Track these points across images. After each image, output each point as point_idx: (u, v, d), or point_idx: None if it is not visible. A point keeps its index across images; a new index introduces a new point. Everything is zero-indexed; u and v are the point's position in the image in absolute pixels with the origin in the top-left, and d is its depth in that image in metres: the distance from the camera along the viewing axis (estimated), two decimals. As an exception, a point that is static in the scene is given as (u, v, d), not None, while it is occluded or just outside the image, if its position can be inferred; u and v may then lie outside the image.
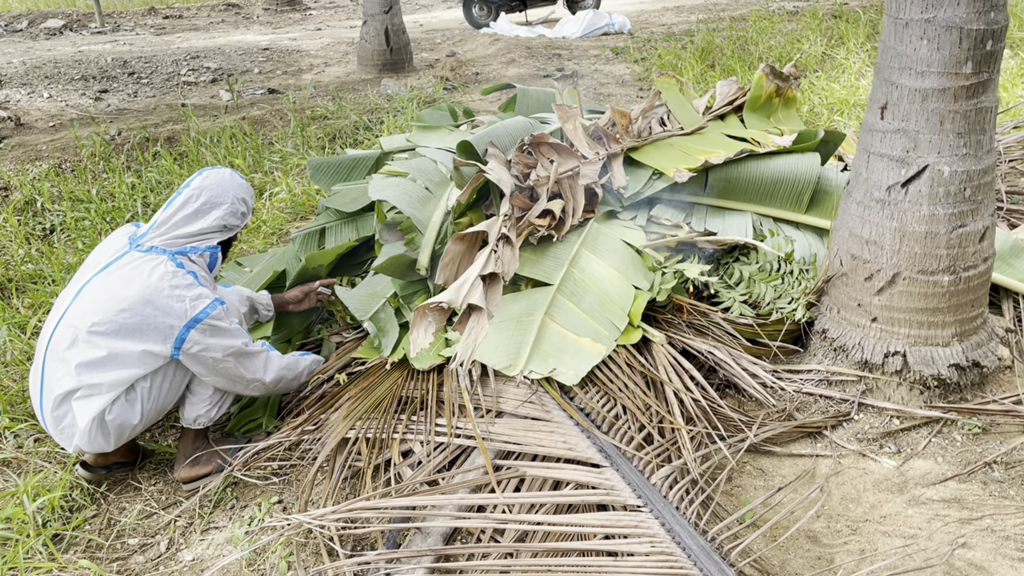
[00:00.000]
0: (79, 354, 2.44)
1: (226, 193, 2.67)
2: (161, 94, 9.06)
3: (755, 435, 2.67)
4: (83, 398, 2.47)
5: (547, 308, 2.92)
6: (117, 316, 2.43)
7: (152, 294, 2.45)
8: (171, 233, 2.59)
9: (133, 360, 2.46)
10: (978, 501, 2.43)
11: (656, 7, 13.39)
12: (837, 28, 8.90)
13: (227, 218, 2.66)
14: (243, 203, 2.73)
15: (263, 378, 2.69)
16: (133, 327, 2.44)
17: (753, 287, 3.12)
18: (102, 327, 2.43)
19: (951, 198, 2.60)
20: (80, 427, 2.48)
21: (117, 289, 2.47)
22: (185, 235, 2.60)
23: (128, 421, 2.52)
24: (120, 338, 2.44)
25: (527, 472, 2.45)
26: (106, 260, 2.57)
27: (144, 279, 2.47)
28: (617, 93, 7.84)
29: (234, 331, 2.58)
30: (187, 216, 2.61)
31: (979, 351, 2.78)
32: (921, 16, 2.50)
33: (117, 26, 14.66)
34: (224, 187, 2.67)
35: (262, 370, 2.69)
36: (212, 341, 2.51)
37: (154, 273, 2.48)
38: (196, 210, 2.62)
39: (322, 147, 6.31)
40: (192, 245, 2.61)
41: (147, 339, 2.45)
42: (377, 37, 9.30)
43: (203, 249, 2.63)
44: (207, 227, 2.62)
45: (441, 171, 3.47)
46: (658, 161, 3.43)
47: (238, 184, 2.72)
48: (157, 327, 2.45)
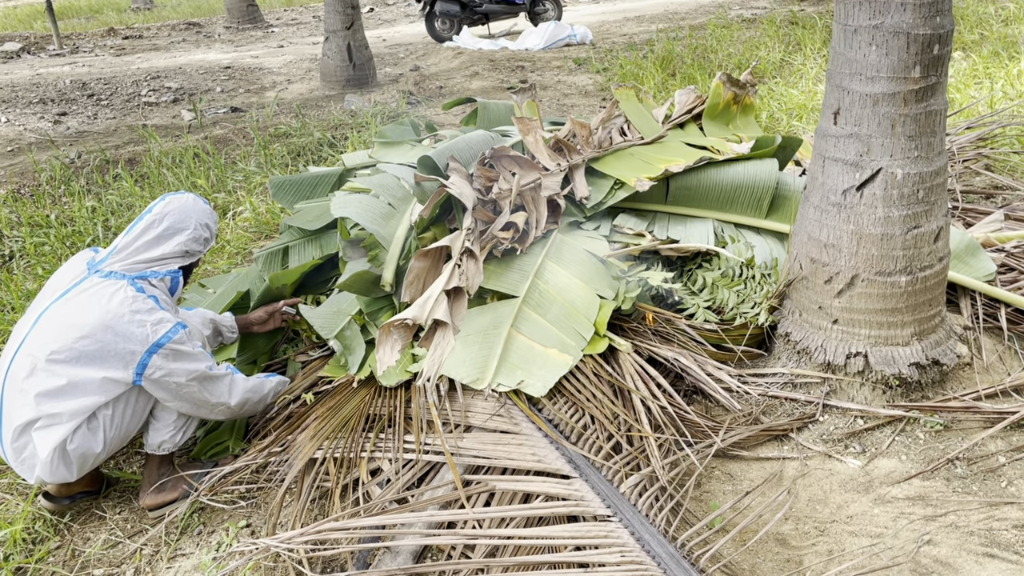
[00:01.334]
0: (38, 383, 2.40)
1: (189, 219, 2.64)
2: (122, 115, 8.96)
3: (722, 440, 2.69)
4: (43, 428, 2.42)
5: (513, 320, 2.93)
6: (76, 343, 2.39)
7: (112, 320, 2.41)
8: (132, 258, 2.56)
9: (94, 388, 2.42)
10: (942, 498, 2.46)
11: (617, 17, 13.52)
12: (794, 34, 9.04)
13: (189, 244, 2.64)
14: (206, 228, 2.70)
15: (228, 402, 2.66)
16: (93, 354, 2.40)
17: (716, 293, 3.15)
18: (61, 355, 2.39)
19: (905, 200, 2.65)
20: (41, 458, 2.43)
21: (76, 316, 2.43)
22: (146, 260, 2.57)
23: (91, 450, 2.48)
24: (80, 365, 2.40)
25: (497, 486, 2.44)
26: (64, 286, 2.53)
27: (104, 305, 2.43)
28: (580, 103, 7.89)
29: (197, 355, 2.54)
30: (148, 241, 2.58)
31: (938, 349, 2.83)
32: (869, 22, 2.55)
33: (76, 48, 14.48)
34: (187, 212, 2.65)
35: (227, 394, 2.65)
36: (175, 366, 2.48)
37: (114, 298, 2.45)
38: (158, 235, 2.59)
39: (285, 165, 6.28)
40: (152, 270, 2.57)
41: (108, 366, 2.41)
42: (339, 53, 9.28)
43: (163, 273, 2.59)
44: (168, 252, 2.59)
45: (404, 186, 3.47)
46: (619, 171, 3.45)
47: (201, 209, 2.70)
48: (118, 353, 2.41)
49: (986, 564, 2.20)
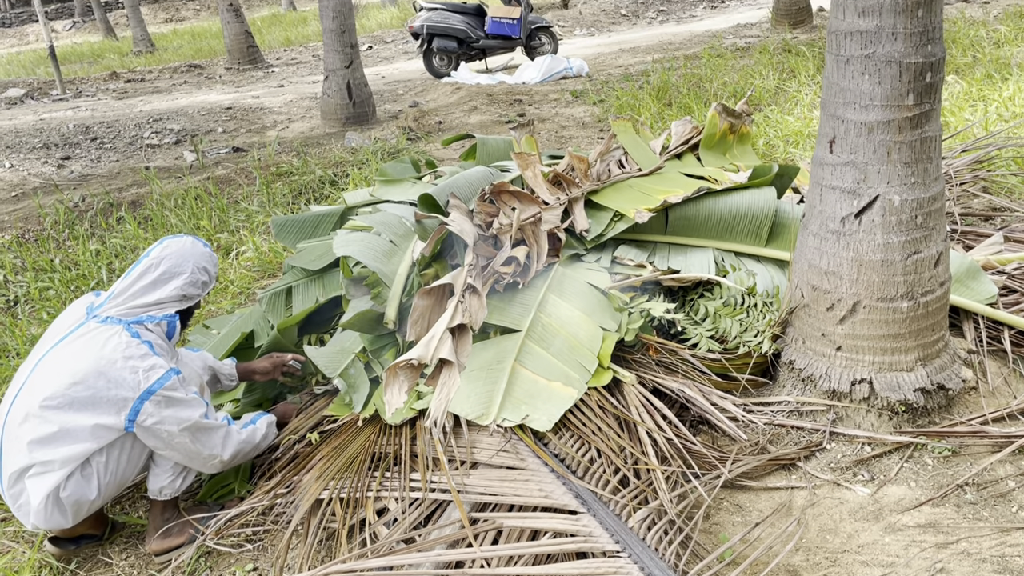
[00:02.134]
0: (30, 430, 2.39)
1: (186, 263, 2.64)
2: (125, 158, 9.04)
3: (730, 471, 2.68)
4: (36, 475, 2.42)
5: (517, 354, 2.93)
6: (69, 390, 2.38)
7: (105, 366, 2.41)
8: (128, 304, 2.56)
9: (85, 434, 2.40)
10: (953, 524, 2.45)
11: (612, 49, 13.66)
12: (788, 62, 9.13)
13: (186, 288, 2.63)
14: (204, 272, 2.69)
15: (220, 455, 2.63)
16: (85, 400, 2.39)
17: (719, 322, 3.16)
18: (54, 401, 2.38)
19: (903, 226, 2.66)
20: (34, 505, 2.42)
21: (70, 362, 2.43)
22: (142, 305, 2.57)
23: (84, 497, 2.47)
24: (72, 412, 2.39)
25: (504, 523, 2.43)
26: (64, 332, 2.54)
27: (98, 350, 2.43)
28: (578, 135, 7.95)
29: (191, 401, 2.52)
30: (145, 286, 2.58)
31: (943, 374, 2.82)
32: (861, 52, 2.58)
33: (79, 92, 14.65)
34: (184, 256, 2.65)
35: (220, 446, 2.62)
36: (167, 413, 2.46)
37: (108, 344, 2.45)
38: (155, 280, 2.59)
39: (287, 203, 6.32)
40: (149, 314, 2.57)
41: (99, 412, 2.40)
42: (339, 91, 9.38)
43: (160, 318, 2.59)
44: (165, 297, 2.59)
45: (405, 224, 3.49)
46: (618, 203, 3.48)
47: (199, 253, 2.69)
48: (110, 399, 2.40)
49: (1000, 591, 2.18)
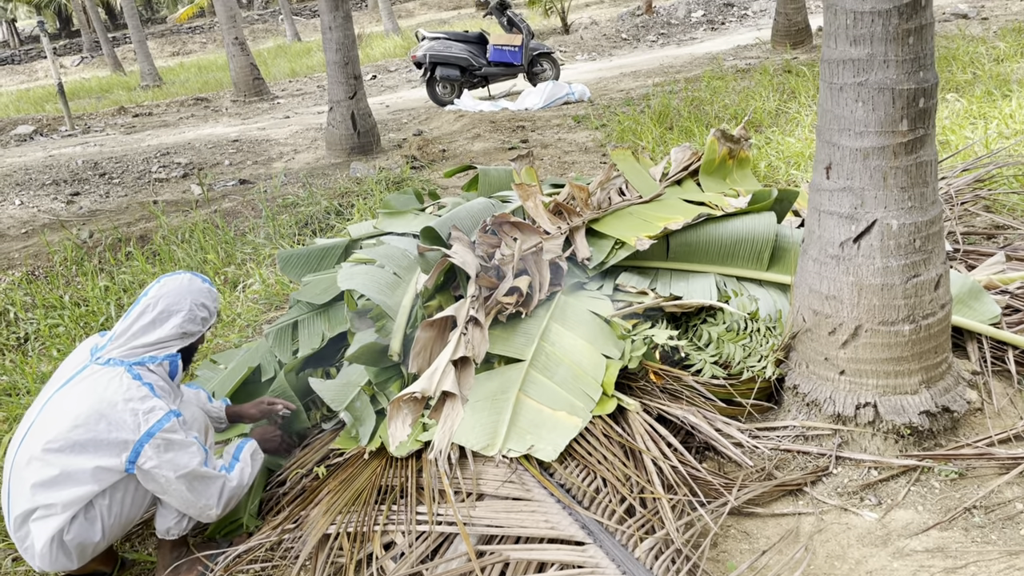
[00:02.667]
0: (33, 473, 2.41)
1: (183, 300, 2.63)
2: (133, 192, 9.14)
3: (736, 498, 2.68)
4: (39, 519, 2.43)
5: (521, 384, 2.94)
6: (70, 433, 2.40)
7: (106, 408, 2.42)
8: (129, 344, 2.57)
9: (86, 477, 2.41)
10: (961, 548, 2.44)
11: (614, 74, 13.77)
12: (788, 83, 9.19)
13: (185, 325, 2.63)
14: (203, 308, 2.69)
15: (215, 506, 2.59)
16: (86, 443, 2.40)
17: (722, 348, 3.17)
18: (55, 444, 2.40)
19: (902, 250, 2.68)
20: (38, 549, 2.43)
21: (72, 405, 2.44)
22: (143, 345, 2.57)
23: (89, 539, 2.47)
24: (73, 454, 2.40)
25: (511, 556, 2.43)
26: (69, 374, 2.56)
27: (99, 393, 2.45)
28: (581, 160, 8.00)
29: (190, 446, 2.51)
30: (144, 326, 2.58)
31: (947, 396, 2.82)
32: (854, 80, 2.61)
33: (87, 128, 14.84)
34: (181, 294, 2.64)
35: (215, 496, 2.59)
36: (166, 458, 2.45)
37: (109, 387, 2.46)
38: (153, 319, 2.59)
39: (293, 235, 6.38)
40: (150, 355, 2.57)
41: (100, 454, 2.41)
42: (344, 122, 9.48)
43: (162, 359, 2.59)
44: (165, 336, 2.59)
45: (408, 256, 3.53)
46: (619, 231, 3.51)
47: (197, 289, 2.69)
48: (110, 442, 2.41)
49: (1009, 616, 2.17)
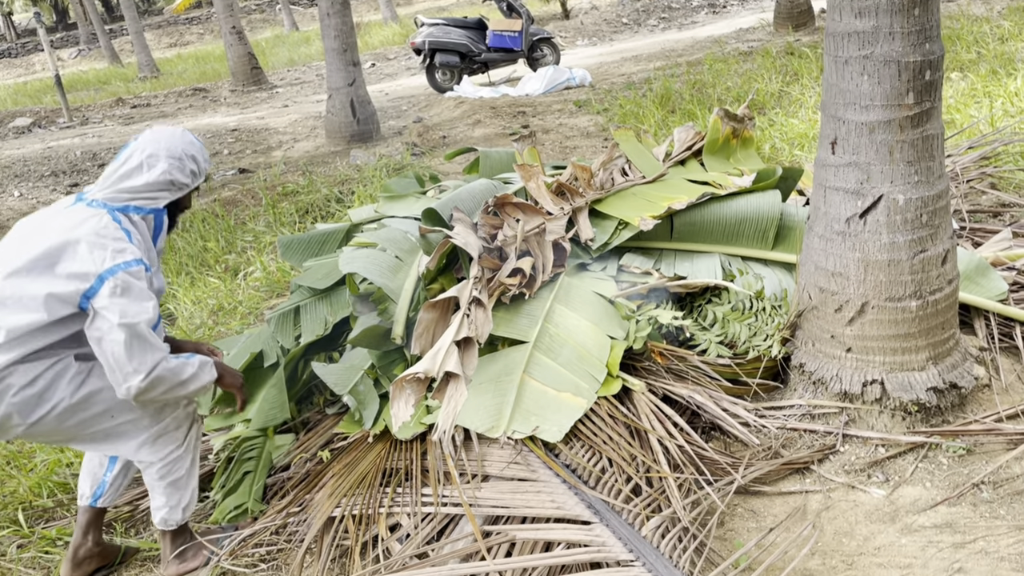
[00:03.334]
0: None
1: (174, 147, 2.50)
2: (132, 183, 9.09)
3: (743, 476, 2.66)
4: None
5: (525, 366, 2.93)
6: (34, 259, 2.27)
7: (75, 238, 2.30)
8: (115, 187, 2.43)
9: (37, 304, 2.25)
10: (970, 524, 2.42)
11: (615, 58, 13.69)
12: (791, 64, 9.13)
13: (174, 173, 2.49)
14: (192, 160, 2.54)
15: (141, 374, 2.30)
16: (44, 268, 2.27)
17: (728, 327, 3.14)
18: (16, 267, 2.27)
19: (909, 225, 2.65)
20: None
21: (44, 236, 2.32)
22: (129, 189, 2.43)
23: (34, 411, 2.33)
24: (30, 278, 2.26)
25: (517, 536, 2.42)
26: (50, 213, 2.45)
27: (74, 225, 2.33)
28: (583, 145, 7.96)
29: (146, 300, 2.32)
30: (132, 169, 2.44)
31: (955, 372, 2.80)
32: (859, 53, 2.57)
33: (85, 119, 14.79)
34: (172, 141, 2.51)
35: (148, 366, 2.30)
36: (119, 301, 2.25)
37: (87, 222, 2.34)
38: (141, 163, 2.44)
39: (294, 223, 6.35)
40: (136, 204, 2.43)
41: (57, 281, 2.26)
42: (343, 110, 9.43)
43: (147, 210, 2.45)
44: (151, 181, 2.43)
45: (410, 239, 3.50)
46: (622, 211, 3.48)
47: (189, 141, 2.56)
48: (71, 273, 2.26)
49: (1020, 591, 2.16)
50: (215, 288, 5.08)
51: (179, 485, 2.66)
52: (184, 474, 2.66)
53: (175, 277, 5.33)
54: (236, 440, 3.18)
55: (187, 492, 2.68)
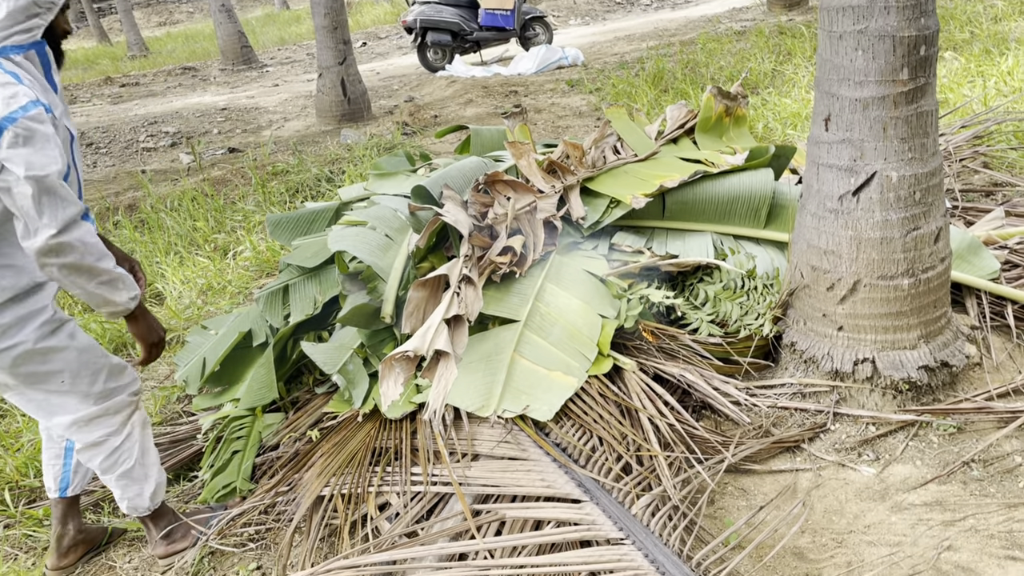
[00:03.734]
0: None
1: None
2: (120, 162, 9.02)
3: (733, 455, 2.66)
4: None
5: (516, 345, 2.90)
6: None
7: None
8: None
9: None
10: (959, 502, 2.42)
11: (607, 38, 13.59)
12: (784, 44, 9.07)
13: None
14: None
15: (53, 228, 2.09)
16: None
17: (719, 306, 3.13)
18: None
19: (902, 202, 2.63)
20: None
21: None
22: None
23: None
24: None
25: (507, 514, 2.41)
26: None
27: None
28: (575, 124, 7.91)
29: (52, 147, 2.11)
30: None
31: (946, 351, 2.79)
32: (854, 28, 2.54)
33: (74, 98, 14.63)
34: None
35: (60, 221, 2.10)
36: (23, 151, 2.06)
37: None
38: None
39: (284, 202, 6.30)
40: (11, 43, 2.21)
41: None
42: (334, 89, 9.34)
43: (26, 47, 2.24)
44: (15, 8, 2.19)
45: (400, 217, 3.47)
46: (614, 189, 3.45)
47: None
48: None
49: (1008, 567, 2.16)
50: (204, 268, 5.04)
51: (133, 477, 2.56)
52: (134, 464, 2.55)
53: (163, 257, 5.29)
54: (225, 419, 3.16)
55: (147, 483, 2.59)
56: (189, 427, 3.32)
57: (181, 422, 3.45)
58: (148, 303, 4.78)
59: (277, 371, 3.27)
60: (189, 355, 3.57)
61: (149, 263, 5.22)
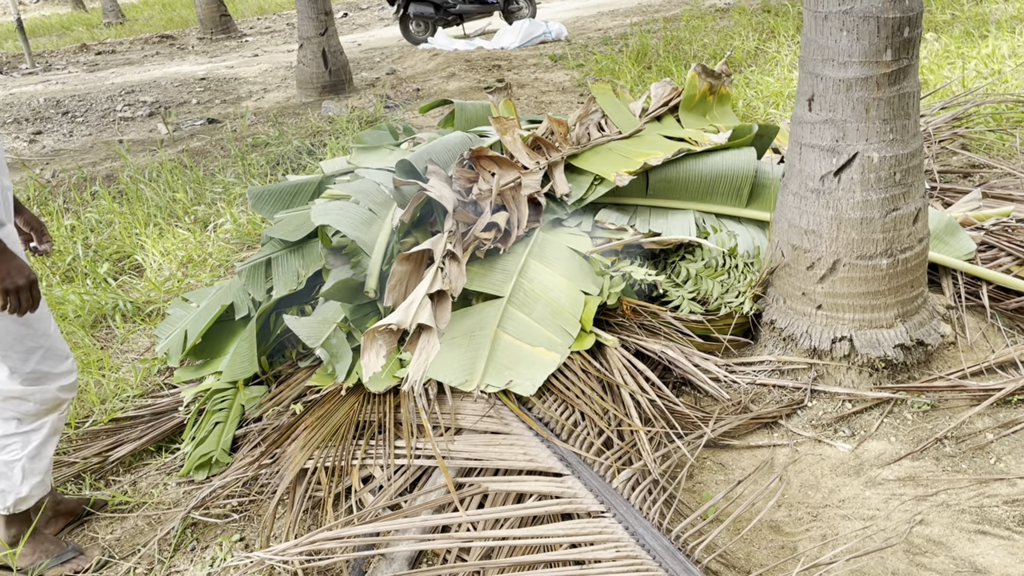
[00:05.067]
0: None
1: None
2: (97, 132, 8.89)
3: (712, 430, 2.70)
4: None
5: (499, 320, 2.92)
6: None
7: None
8: None
9: None
10: (932, 477, 2.48)
11: (591, 13, 13.52)
12: (767, 22, 9.08)
13: None
14: None
15: None
16: None
17: (700, 284, 3.16)
18: None
19: (882, 183, 2.66)
20: None
21: None
22: None
23: None
24: None
25: (490, 488, 2.44)
26: None
27: None
28: (558, 100, 7.88)
29: None
30: None
31: (922, 330, 2.84)
32: (839, 8, 2.56)
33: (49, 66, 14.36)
34: None
35: None
36: None
37: None
38: None
39: (264, 175, 6.24)
40: None
41: None
42: (315, 60, 9.24)
43: None
44: None
45: (384, 191, 3.46)
46: (598, 166, 3.46)
47: None
48: None
49: (978, 541, 2.22)
50: (184, 240, 5.00)
51: (12, 472, 2.43)
52: (20, 459, 2.42)
53: (143, 228, 5.24)
54: (207, 392, 3.16)
55: (21, 487, 2.45)
56: (170, 400, 3.31)
57: (162, 394, 3.44)
58: (127, 275, 4.75)
59: (260, 345, 3.26)
60: (170, 327, 3.55)
61: (128, 234, 5.17)
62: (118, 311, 4.23)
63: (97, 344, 3.96)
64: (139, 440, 3.08)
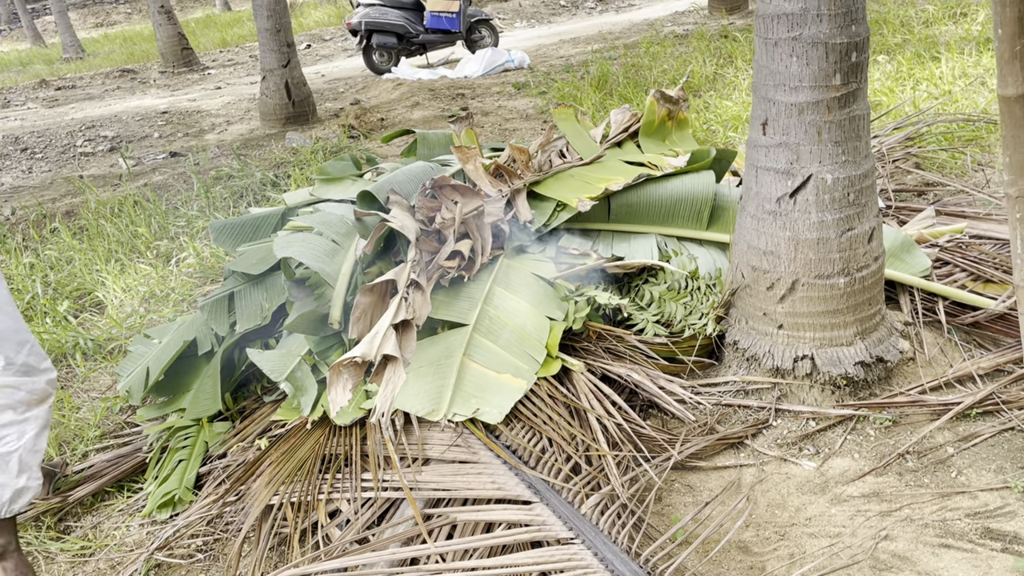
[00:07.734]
0: None
1: None
2: (57, 168, 8.78)
3: (679, 452, 2.71)
4: None
5: (465, 348, 2.92)
6: None
7: None
8: None
9: None
10: (895, 492, 2.51)
11: (553, 40, 13.67)
12: (725, 48, 9.25)
13: None
14: None
15: None
16: None
17: (664, 307, 3.19)
18: None
19: (837, 204, 2.72)
20: None
21: None
22: None
23: None
24: None
25: (458, 518, 2.42)
26: None
27: None
28: (522, 127, 7.95)
29: None
30: None
31: (881, 347, 2.89)
32: (788, 35, 2.62)
33: (7, 102, 14.18)
34: None
35: None
36: None
37: None
38: None
39: (228, 208, 6.20)
40: None
41: None
42: (278, 91, 9.23)
43: None
44: None
45: (346, 222, 3.45)
46: (560, 193, 3.49)
47: None
48: None
49: (942, 555, 2.25)
50: (146, 275, 4.94)
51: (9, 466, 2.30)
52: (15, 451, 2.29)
53: (103, 264, 5.17)
54: (170, 430, 3.11)
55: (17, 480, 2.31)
56: (133, 438, 3.26)
57: (124, 434, 3.38)
58: (88, 312, 4.68)
59: (224, 380, 3.22)
60: (132, 365, 3.50)
61: (88, 271, 5.10)
62: (79, 349, 4.17)
63: (58, 384, 3.88)
64: (100, 480, 3.02)
